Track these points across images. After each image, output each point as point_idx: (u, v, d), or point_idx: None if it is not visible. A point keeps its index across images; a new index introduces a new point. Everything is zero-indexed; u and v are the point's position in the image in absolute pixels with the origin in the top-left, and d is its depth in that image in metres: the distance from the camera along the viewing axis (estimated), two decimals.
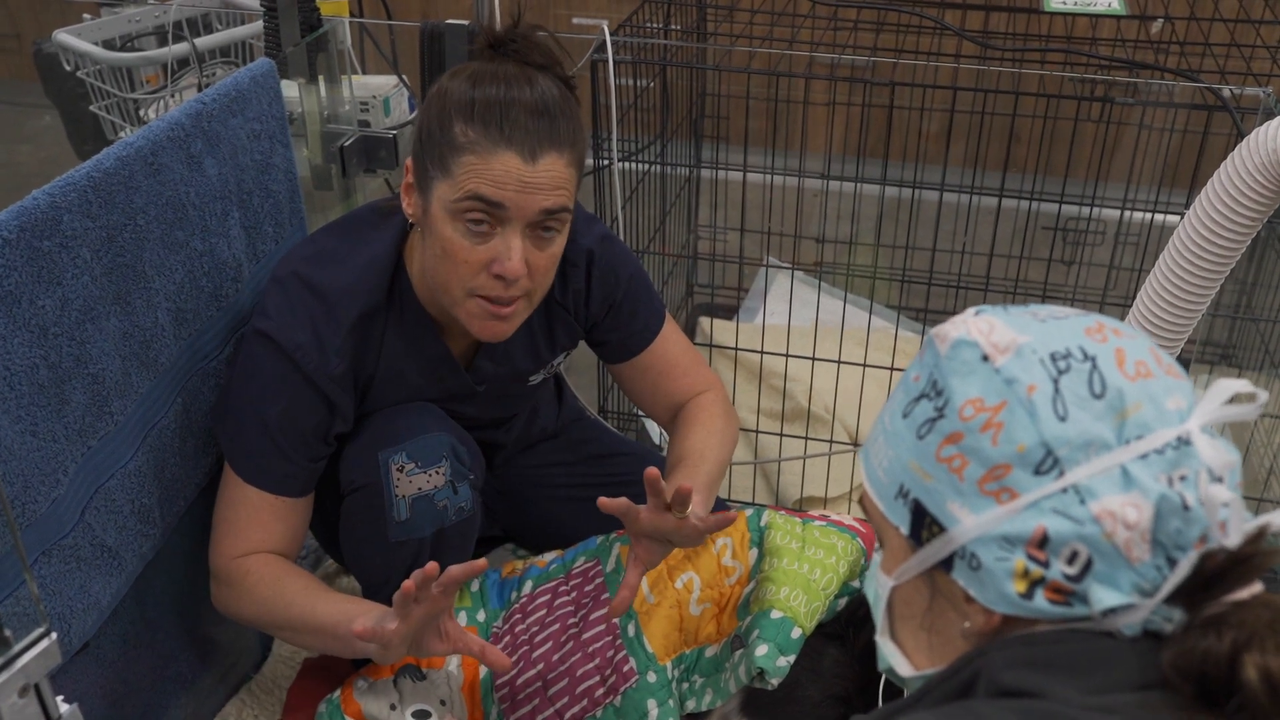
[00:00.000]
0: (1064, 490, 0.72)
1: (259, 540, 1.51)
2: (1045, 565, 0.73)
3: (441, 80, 1.40)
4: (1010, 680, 0.71)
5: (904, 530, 0.80)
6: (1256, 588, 0.70)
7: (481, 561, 1.33)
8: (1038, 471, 0.73)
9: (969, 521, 0.75)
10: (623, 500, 1.39)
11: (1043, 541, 0.73)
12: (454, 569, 1.29)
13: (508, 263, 1.36)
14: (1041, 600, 0.73)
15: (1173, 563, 0.72)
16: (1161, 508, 0.71)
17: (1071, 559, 0.72)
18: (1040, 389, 0.74)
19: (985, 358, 0.76)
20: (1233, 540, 0.69)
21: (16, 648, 0.74)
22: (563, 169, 1.36)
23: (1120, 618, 0.73)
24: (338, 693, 1.59)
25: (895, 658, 0.85)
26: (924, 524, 0.78)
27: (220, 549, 1.51)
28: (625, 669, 1.53)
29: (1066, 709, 0.68)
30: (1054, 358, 0.75)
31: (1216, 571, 0.69)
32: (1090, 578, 0.72)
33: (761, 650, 1.43)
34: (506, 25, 1.42)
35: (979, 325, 0.78)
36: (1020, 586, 0.74)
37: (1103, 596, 0.72)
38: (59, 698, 0.78)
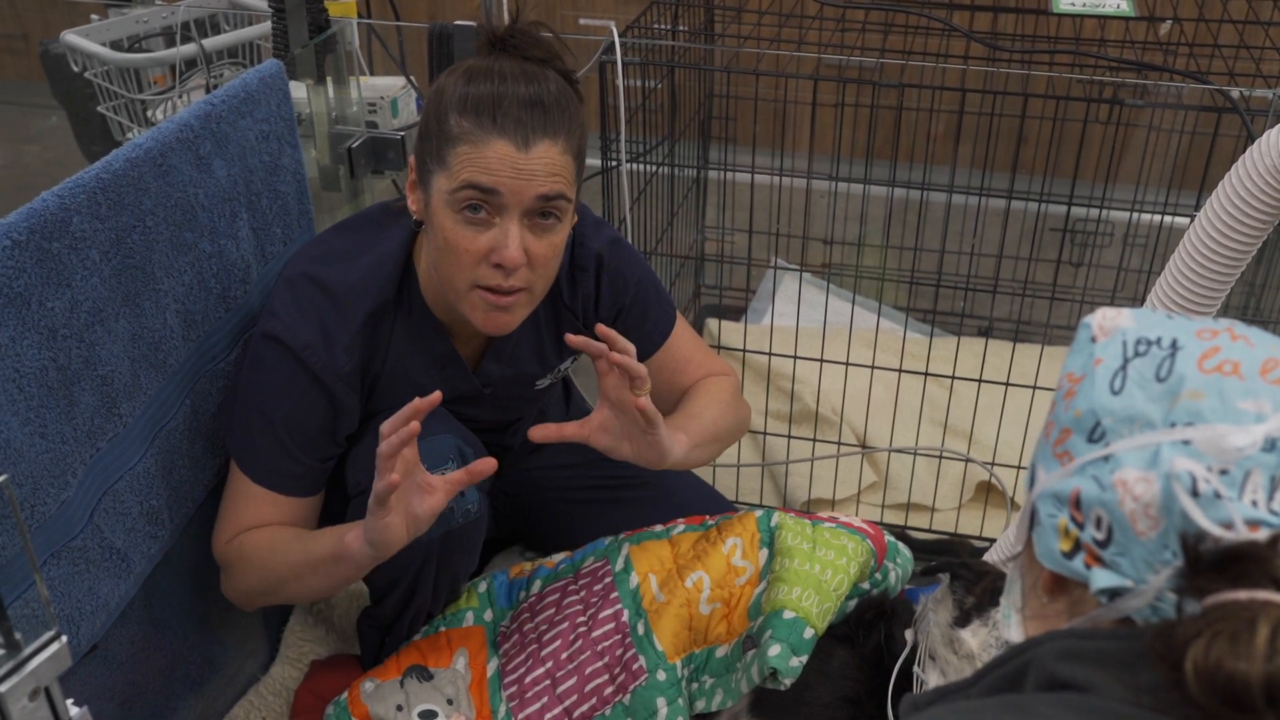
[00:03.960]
0: (1105, 459, 0.76)
1: (255, 526, 1.52)
2: (1081, 527, 0.77)
3: (440, 77, 1.42)
4: (1061, 672, 0.72)
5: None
6: (1279, 595, 0.69)
7: (436, 395, 1.30)
8: (1090, 439, 0.78)
9: (1042, 478, 0.81)
10: (600, 345, 1.40)
11: (1078, 502, 0.77)
12: (417, 401, 1.28)
13: (505, 251, 1.36)
14: (1080, 563, 0.77)
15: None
16: (1168, 487, 0.71)
17: (1099, 524, 0.76)
18: (1106, 364, 0.79)
19: (1093, 339, 0.82)
20: (1230, 536, 0.69)
21: (27, 651, 0.74)
22: (557, 156, 1.37)
23: (1125, 602, 0.74)
24: (344, 695, 1.59)
25: (1009, 622, 0.88)
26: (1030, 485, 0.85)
27: (219, 536, 1.53)
28: (635, 667, 1.53)
29: (1113, 705, 0.68)
30: (1139, 342, 0.79)
31: (1211, 562, 0.68)
32: (1113, 546, 0.75)
33: (774, 650, 1.43)
34: (507, 22, 1.43)
35: (1107, 312, 0.83)
36: (1065, 545, 0.78)
37: (1098, 577, 0.75)
38: (69, 700, 0.78)
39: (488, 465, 1.35)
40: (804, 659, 1.44)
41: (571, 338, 1.41)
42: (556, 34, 1.45)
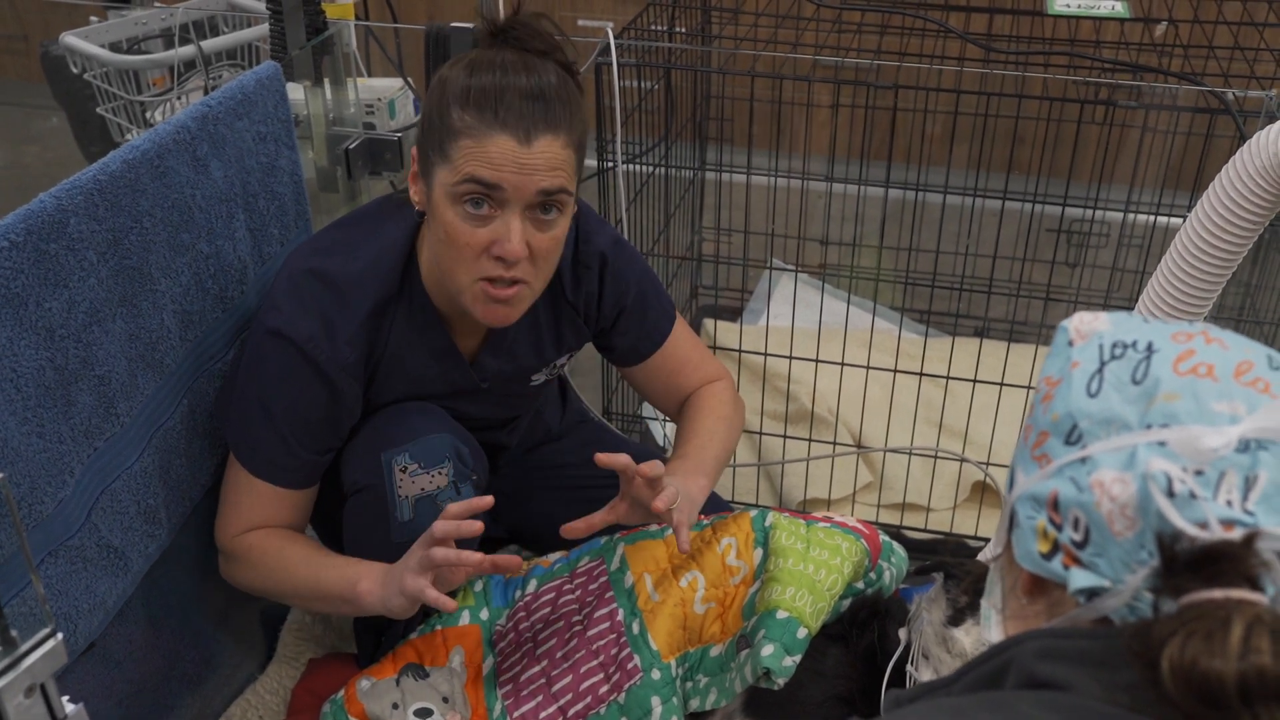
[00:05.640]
0: (1082, 461, 0.76)
1: (261, 521, 1.54)
2: (1059, 528, 0.77)
3: (443, 69, 1.43)
4: (1040, 670, 0.73)
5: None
6: (1253, 594, 0.70)
7: (488, 499, 1.41)
8: (1067, 441, 0.78)
9: (1020, 481, 0.82)
10: (624, 456, 1.47)
11: (1056, 504, 0.77)
12: (474, 518, 1.40)
13: (507, 244, 1.37)
14: (1059, 564, 0.77)
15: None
16: (1145, 488, 0.72)
17: (1076, 525, 0.76)
18: (1083, 367, 0.79)
19: (1070, 342, 0.82)
20: (1205, 536, 0.70)
21: (23, 648, 0.75)
22: (559, 150, 1.37)
23: (1103, 602, 0.75)
24: (341, 693, 1.60)
25: (989, 623, 0.89)
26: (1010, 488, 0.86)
27: (224, 527, 1.56)
28: (629, 666, 1.54)
29: (1091, 703, 0.69)
30: (1115, 345, 0.79)
31: (1187, 562, 0.69)
32: (1090, 547, 0.75)
33: (768, 650, 1.44)
34: (508, 14, 1.44)
35: (1084, 316, 0.84)
36: (1043, 546, 0.78)
37: (1076, 577, 0.76)
38: (65, 698, 0.78)
39: (483, 503, 1.42)
40: (797, 658, 1.44)
41: (601, 457, 1.47)
42: (557, 25, 1.45)
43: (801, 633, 1.46)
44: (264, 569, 1.53)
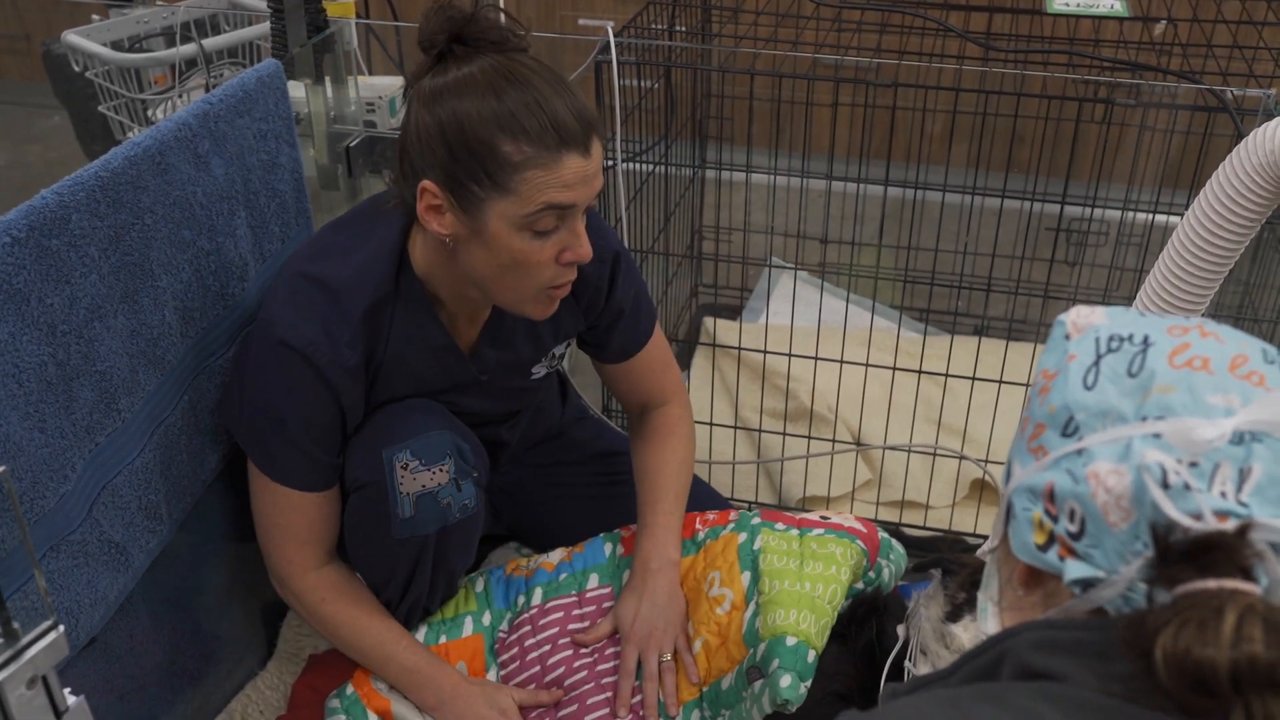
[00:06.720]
0: (1078, 453, 0.77)
1: (312, 536, 1.57)
2: (1055, 520, 0.78)
3: (434, 96, 1.36)
4: (1036, 662, 0.73)
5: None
6: (1246, 584, 0.70)
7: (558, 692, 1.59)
8: (1063, 433, 0.79)
9: (1017, 473, 0.82)
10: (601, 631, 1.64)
11: (1051, 495, 0.78)
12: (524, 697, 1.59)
13: (581, 250, 1.41)
14: (1054, 555, 0.78)
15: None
16: (1140, 479, 0.73)
17: (1072, 516, 0.77)
18: (1080, 359, 0.80)
19: (1067, 336, 0.83)
20: (1199, 527, 0.71)
21: (25, 639, 0.75)
22: (601, 148, 1.40)
23: (1098, 593, 0.76)
24: (350, 686, 1.60)
25: (985, 615, 0.90)
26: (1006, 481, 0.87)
27: (284, 560, 1.58)
28: (641, 711, 1.56)
29: (1086, 694, 0.69)
30: (1111, 339, 0.80)
31: (1181, 552, 0.70)
32: (1086, 538, 0.76)
33: (785, 681, 1.44)
34: (450, 17, 1.37)
35: (1081, 310, 0.85)
36: (1039, 538, 0.79)
37: (1071, 568, 0.76)
38: (66, 690, 0.79)
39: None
40: (809, 683, 1.45)
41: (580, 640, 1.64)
42: (497, 6, 1.43)
43: (810, 656, 1.46)
44: (332, 632, 1.61)
